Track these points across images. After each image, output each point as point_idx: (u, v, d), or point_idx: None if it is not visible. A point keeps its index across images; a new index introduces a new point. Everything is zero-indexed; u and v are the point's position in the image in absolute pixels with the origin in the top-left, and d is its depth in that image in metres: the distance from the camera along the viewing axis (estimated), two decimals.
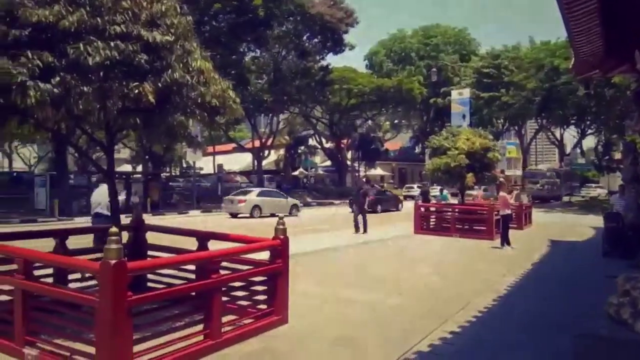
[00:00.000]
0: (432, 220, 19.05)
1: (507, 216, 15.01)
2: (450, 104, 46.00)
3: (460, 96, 43.99)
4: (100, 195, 9.59)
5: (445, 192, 23.55)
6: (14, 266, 5.35)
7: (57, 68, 5.16)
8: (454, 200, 22.48)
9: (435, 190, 40.78)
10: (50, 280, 6.12)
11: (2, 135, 6.15)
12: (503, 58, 50.59)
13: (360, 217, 17.83)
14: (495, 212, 16.40)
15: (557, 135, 61.94)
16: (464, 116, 41.19)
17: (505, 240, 14.66)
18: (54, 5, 5.21)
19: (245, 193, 27.98)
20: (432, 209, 20.03)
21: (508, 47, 53.03)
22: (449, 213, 18.75)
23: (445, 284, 9.59)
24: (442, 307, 7.67)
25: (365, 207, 18.47)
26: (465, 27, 68.08)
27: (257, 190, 29.43)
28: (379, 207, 30.75)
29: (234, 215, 26.74)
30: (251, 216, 26.03)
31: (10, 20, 5.26)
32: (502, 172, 34.39)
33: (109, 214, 9.05)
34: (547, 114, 52.00)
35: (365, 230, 17.62)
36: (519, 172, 66.42)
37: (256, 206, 26.66)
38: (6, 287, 5.49)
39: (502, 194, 15.32)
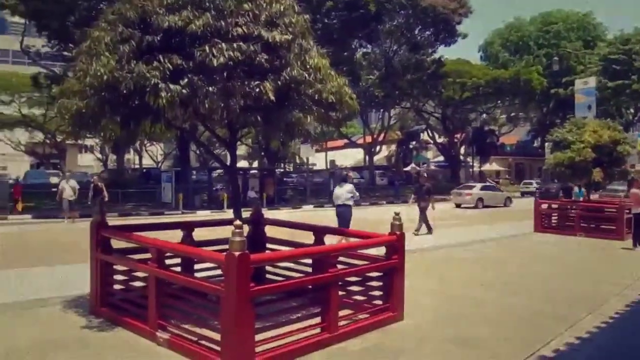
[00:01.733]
0: (553, 218, 17.98)
1: None
2: (573, 95, 43.09)
3: (585, 85, 40.96)
4: (342, 191, 12.68)
5: (582, 189, 21.83)
6: (148, 255, 5.79)
7: (185, 70, 5.48)
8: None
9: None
10: (177, 269, 6.53)
11: (138, 134, 6.65)
12: (634, 42, 46.55)
13: (423, 217, 16.41)
14: (627, 210, 15.18)
15: None
16: (589, 107, 38.31)
17: (638, 241, 13.51)
18: (183, 11, 5.54)
19: (470, 187, 32.84)
20: (554, 205, 18.90)
21: None
22: (573, 210, 17.59)
23: (571, 286, 9.01)
24: (567, 310, 7.22)
25: (429, 205, 16.51)
26: (590, 10, 63.37)
27: (479, 185, 34.29)
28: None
29: (458, 206, 31.09)
30: (475, 207, 29.95)
31: (144, 27, 5.67)
32: (633, 166, 31.76)
33: (350, 204, 12.65)
34: None
35: (429, 231, 16.20)
36: None
37: (480, 198, 30.90)
38: (141, 274, 5.94)
39: (634, 190, 14.11)
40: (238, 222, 4.66)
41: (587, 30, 60.83)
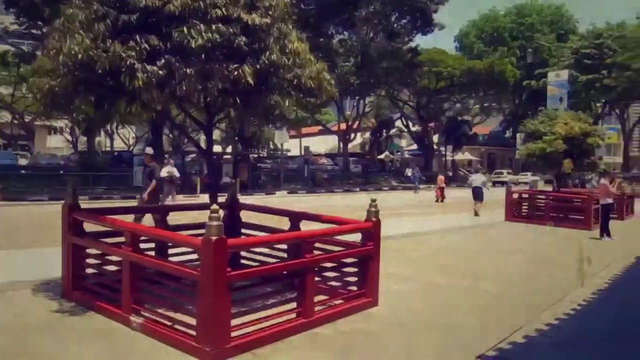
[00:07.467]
0: (524, 207, 18.31)
1: (608, 205, 14.15)
2: (545, 87, 43.76)
3: (557, 78, 41.65)
4: (477, 177, 19.86)
5: None
6: (122, 239, 5.70)
7: (162, 51, 5.37)
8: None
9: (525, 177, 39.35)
10: (151, 253, 6.44)
11: (112, 115, 6.51)
12: (606, 37, 47.41)
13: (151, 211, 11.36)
14: (595, 201, 15.53)
15: None
16: (560, 99, 39.01)
17: (605, 231, 13.85)
18: None
19: None
20: (525, 195, 19.25)
21: (612, 26, 49.55)
22: (543, 200, 17.94)
23: (540, 274, 9.20)
24: (537, 297, 7.37)
25: (146, 195, 12.43)
26: (563, 3, 64.19)
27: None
28: None
29: None
30: None
31: (120, 5, 5.53)
32: (600, 158, 32.56)
33: (481, 185, 18.91)
34: None
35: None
36: (618, 159, 62.49)
37: None
38: (115, 258, 5.85)
39: (603, 181, 14.47)
40: (215, 206, 4.61)
41: (559, 24, 61.72)
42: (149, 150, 13.75)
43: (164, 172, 19.18)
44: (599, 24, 54.89)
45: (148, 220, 10.57)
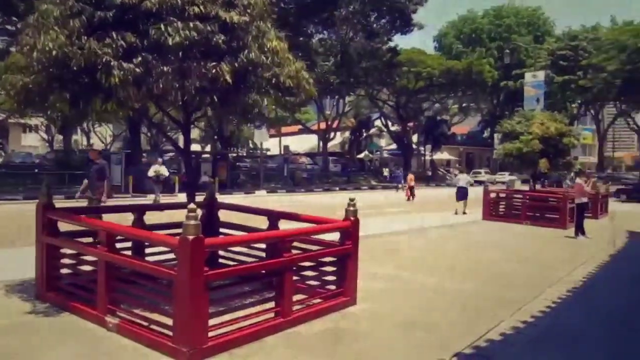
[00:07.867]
0: (501, 206, 18.52)
1: (583, 205, 14.37)
2: (522, 87, 44.34)
3: (534, 79, 42.23)
4: (462, 177, 20.46)
5: None
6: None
7: (138, 48, 5.30)
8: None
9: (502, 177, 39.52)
10: (128, 252, 6.37)
11: (87, 113, 6.40)
12: (581, 39, 48.22)
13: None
14: (570, 200, 15.77)
15: (638, 121, 58.66)
16: (537, 100, 39.56)
17: (580, 230, 14.06)
18: None
19: None
20: (502, 194, 19.47)
21: (587, 28, 50.44)
22: (520, 199, 18.17)
23: (516, 272, 9.31)
24: (513, 295, 7.45)
25: (104, 198, 11.22)
26: (539, 6, 65.23)
27: None
28: None
29: None
30: None
31: (96, 1, 5.45)
32: (576, 158, 33.11)
33: (465, 185, 19.51)
34: (627, 98, 49.25)
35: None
36: (593, 159, 63.64)
37: None
38: (90, 258, 5.77)
39: (578, 181, 14.70)
40: (192, 205, 4.58)
41: (536, 25, 62.59)
42: (96, 146, 13.40)
43: (151, 172, 19.20)
44: (574, 26, 55.93)
45: None
